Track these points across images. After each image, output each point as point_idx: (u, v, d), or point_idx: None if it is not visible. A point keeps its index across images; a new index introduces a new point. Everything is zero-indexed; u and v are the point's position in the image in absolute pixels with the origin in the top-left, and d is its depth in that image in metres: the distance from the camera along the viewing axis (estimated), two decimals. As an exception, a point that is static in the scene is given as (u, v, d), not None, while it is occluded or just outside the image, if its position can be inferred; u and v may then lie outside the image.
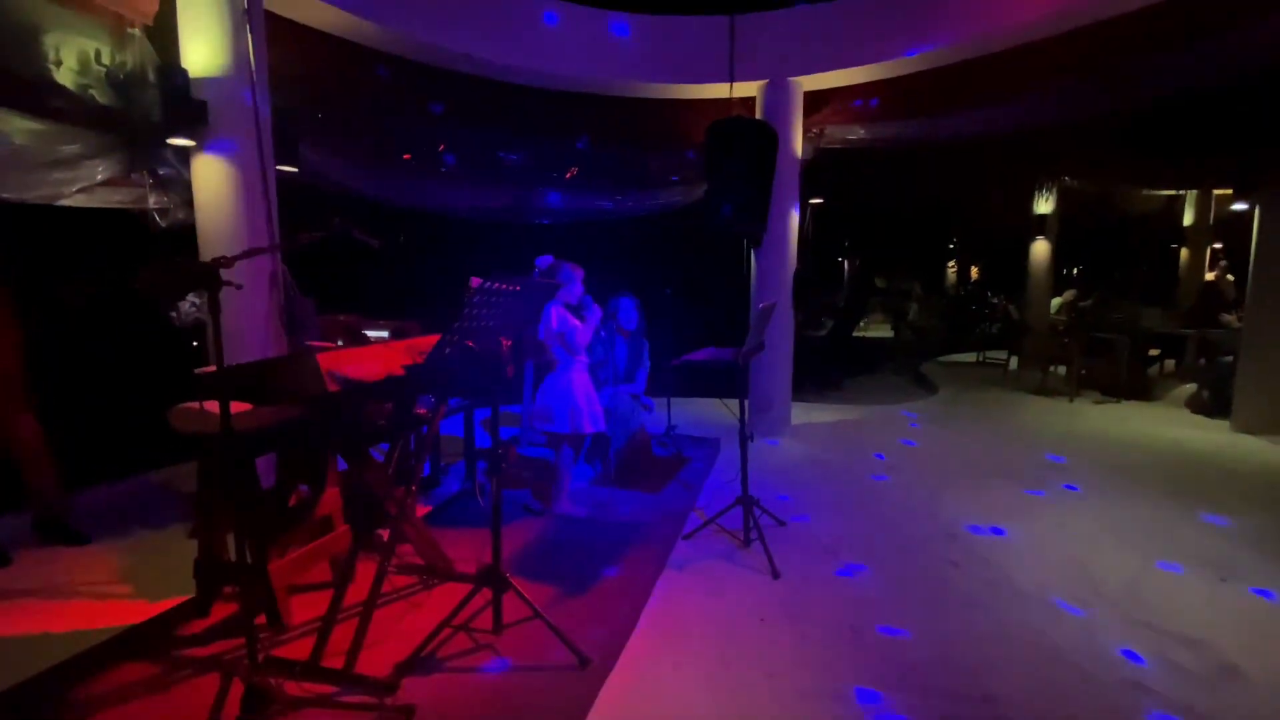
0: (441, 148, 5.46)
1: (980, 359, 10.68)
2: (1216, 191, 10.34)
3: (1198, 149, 6.99)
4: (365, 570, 2.65)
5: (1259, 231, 5.84)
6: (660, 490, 4.21)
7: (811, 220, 6.89)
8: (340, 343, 3.35)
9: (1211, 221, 10.84)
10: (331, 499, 2.83)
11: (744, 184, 5.09)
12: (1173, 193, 10.77)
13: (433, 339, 2.32)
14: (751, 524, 3.45)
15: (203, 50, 3.41)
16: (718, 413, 6.34)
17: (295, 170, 4.01)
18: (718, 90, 5.65)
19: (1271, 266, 5.74)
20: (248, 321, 3.40)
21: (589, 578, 3.05)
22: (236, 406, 2.23)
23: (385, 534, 2.46)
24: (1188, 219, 11.00)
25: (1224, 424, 6.07)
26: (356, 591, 2.65)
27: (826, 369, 8.63)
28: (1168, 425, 6.24)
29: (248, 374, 2.07)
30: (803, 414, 6.58)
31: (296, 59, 4.29)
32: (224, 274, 1.74)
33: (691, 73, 5.58)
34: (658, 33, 5.55)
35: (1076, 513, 3.96)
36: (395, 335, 3.58)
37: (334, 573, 2.90)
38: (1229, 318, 7.68)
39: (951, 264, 21.42)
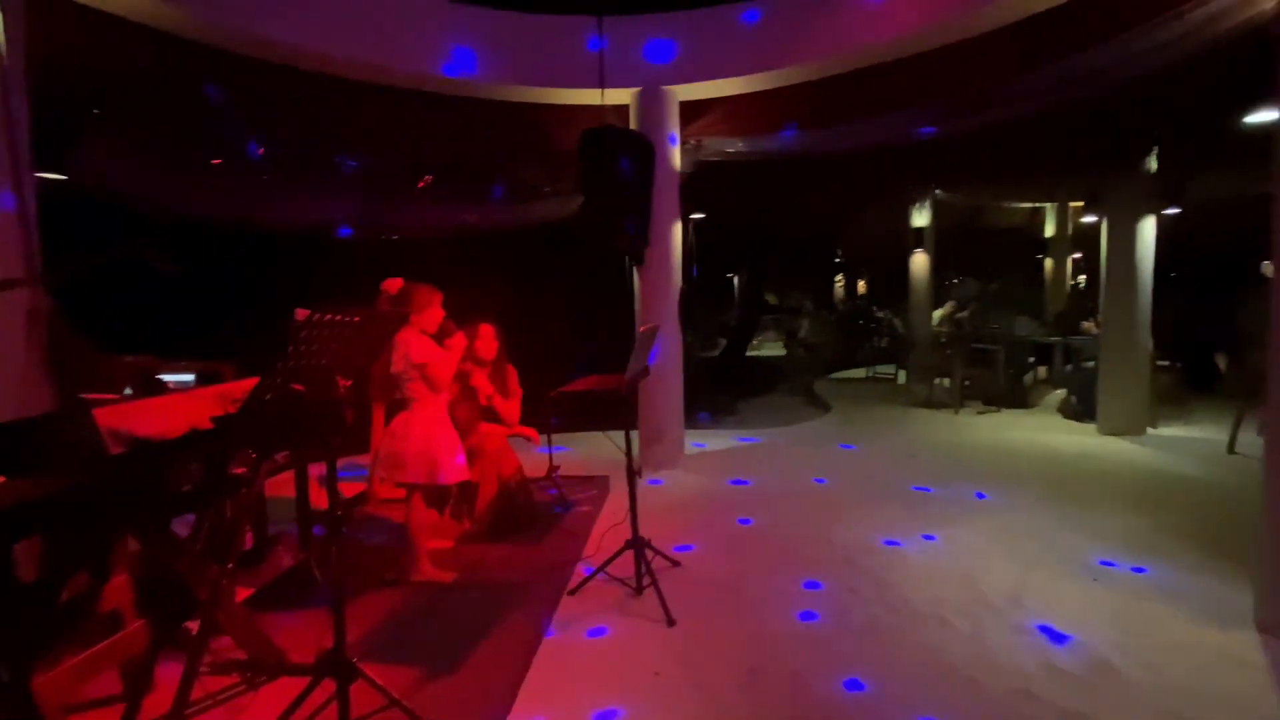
0: (262, 151, 5.12)
1: (870, 374, 11.60)
2: (1072, 204, 12.05)
3: (1053, 165, 8.16)
4: (169, 674, 2.38)
5: (1107, 242, 6.88)
6: (541, 541, 4.14)
7: (695, 236, 7.21)
8: (129, 392, 3.01)
9: (1070, 233, 12.61)
10: (119, 588, 2.51)
11: (622, 197, 5.23)
12: (1035, 206, 12.42)
13: (250, 383, 2.15)
14: (644, 569, 3.49)
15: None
16: (606, 446, 6.37)
17: (64, 178, 3.59)
18: (589, 97, 5.79)
19: (1119, 275, 6.76)
20: (-3, 370, 2.96)
21: (458, 653, 2.92)
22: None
23: (195, 626, 2.21)
24: (1049, 230, 12.71)
25: (1092, 427, 7.01)
26: (157, 703, 2.36)
27: (720, 392, 8.98)
28: (1043, 431, 7.10)
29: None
30: (697, 440, 6.78)
31: (73, 43, 3.88)
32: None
33: (557, 76, 5.69)
34: (520, 31, 5.61)
35: (964, 524, 4.37)
36: (204, 380, 3.27)
37: (125, 683, 2.56)
38: (1088, 325, 8.92)
39: (839, 278, 23.20)
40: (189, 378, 3.36)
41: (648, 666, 2.83)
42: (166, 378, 3.30)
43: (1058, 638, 2.98)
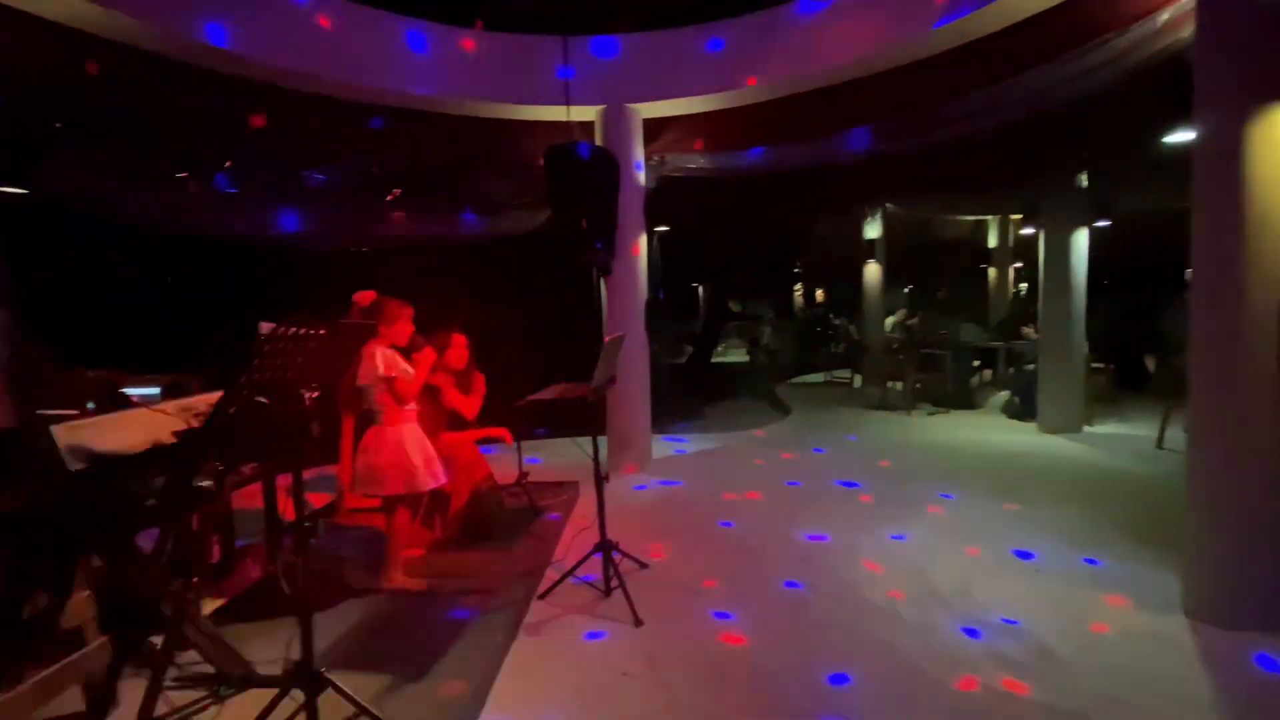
0: (229, 164, 4.99)
1: (827, 378, 11.75)
2: (1013, 217, 12.41)
3: (994, 181, 8.40)
4: (135, 690, 2.28)
5: (1044, 252, 7.08)
6: (512, 547, 4.08)
7: (660, 247, 7.23)
8: (91, 406, 2.88)
9: (1011, 244, 12.97)
10: (81, 605, 2.39)
11: (589, 211, 5.22)
12: (978, 218, 12.76)
13: (214, 397, 2.08)
14: (612, 571, 3.46)
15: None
16: (575, 453, 6.33)
17: (24, 192, 3.44)
18: (555, 113, 5.78)
19: (1056, 284, 6.97)
20: (-46, 385, 2.82)
21: (430, 659, 2.85)
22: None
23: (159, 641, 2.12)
24: (992, 241, 13.06)
25: (1033, 426, 7.19)
26: (121, 720, 2.26)
27: (687, 397, 9.00)
28: (989, 431, 7.26)
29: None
30: (664, 446, 6.77)
31: (34, 57, 3.73)
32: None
33: (525, 93, 5.66)
34: (490, 50, 5.57)
35: (916, 521, 4.43)
36: (169, 393, 3.15)
37: (88, 700, 2.44)
38: (1028, 330, 9.17)
39: (798, 287, 23.51)
40: (154, 391, 3.24)
41: (615, 667, 2.80)
42: (132, 391, 3.18)
43: (1003, 626, 3.03)
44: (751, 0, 5.43)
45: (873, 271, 11.32)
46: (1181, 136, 5.05)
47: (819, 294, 22.99)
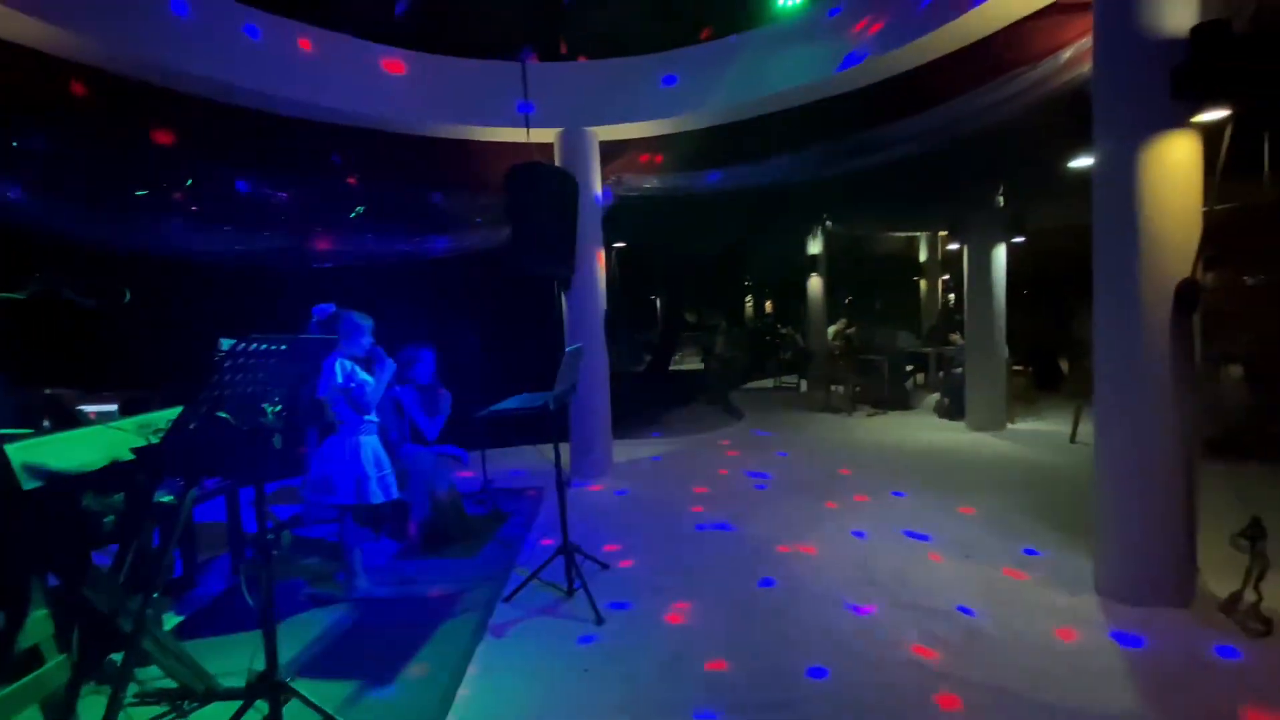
0: (190, 182, 4.81)
1: (776, 384, 11.95)
2: (940, 234, 12.88)
3: (922, 201, 8.72)
4: (95, 708, 2.15)
5: (968, 266, 7.38)
6: (477, 554, 4.01)
7: (618, 262, 7.27)
8: (47, 424, 2.74)
9: (940, 258, 13.44)
10: (39, 624, 2.26)
11: (549, 229, 5.20)
12: (910, 235, 13.20)
13: (173, 413, 2.01)
14: (575, 573, 3.44)
15: None
16: (539, 460, 6.28)
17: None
18: (515, 134, 5.77)
19: (978, 294, 7.26)
20: (-101, 406, 2.64)
21: (395, 664, 2.78)
22: None
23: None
24: (922, 256, 13.52)
25: (962, 424, 7.45)
26: (79, 740, 2.13)
27: (646, 404, 9.03)
28: (922, 430, 7.49)
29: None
30: (625, 452, 6.76)
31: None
32: None
33: (486, 116, 5.64)
34: (453, 73, 5.54)
35: (858, 515, 4.54)
36: (127, 410, 3.01)
37: (48, 719, 2.30)
38: (955, 336, 9.52)
39: (749, 299, 23.85)
40: (112, 408, 3.09)
41: (578, 665, 2.79)
42: (90, 408, 3.03)
43: (937, 611, 3.13)
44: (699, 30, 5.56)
45: (815, 284, 11.57)
46: (1083, 162, 5.34)
47: (768, 305, 23.38)
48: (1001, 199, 7.16)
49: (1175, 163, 2.90)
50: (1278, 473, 4.80)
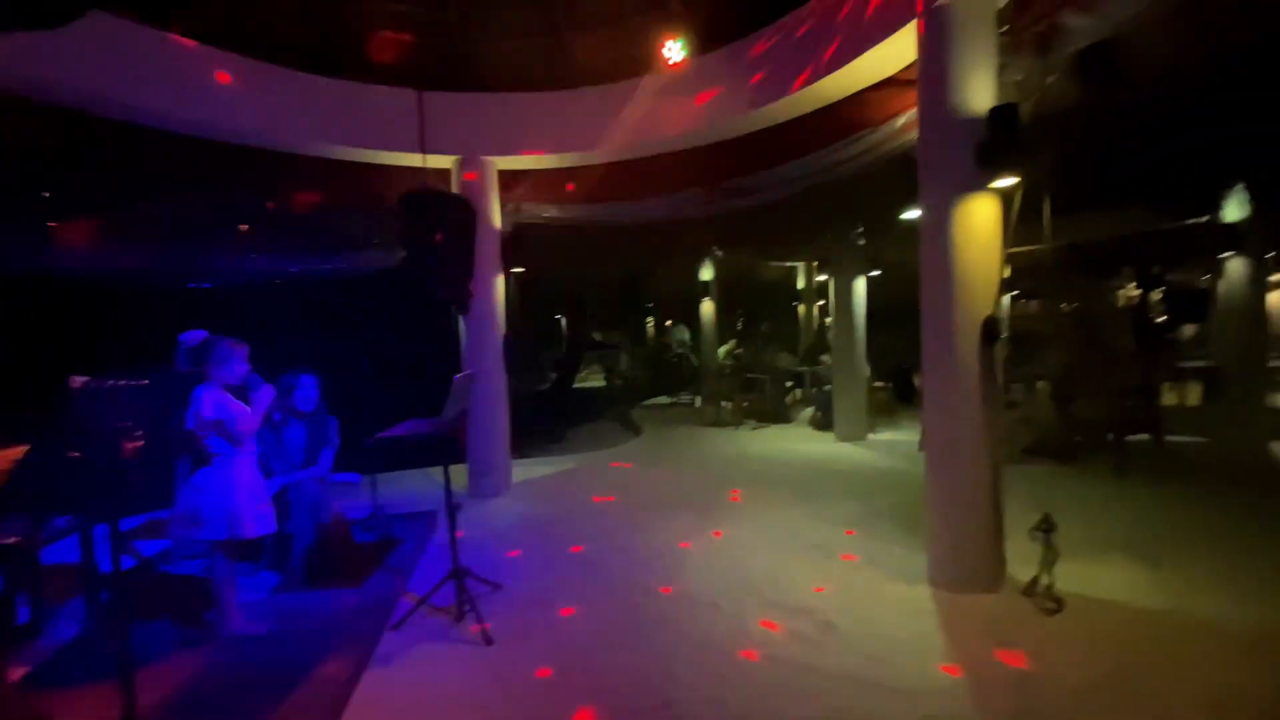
0: (48, 194, 4.31)
1: (673, 401, 12.25)
2: (813, 264, 13.76)
3: (795, 236, 9.32)
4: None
5: (834, 295, 7.96)
6: (363, 582, 3.81)
7: (518, 287, 7.20)
8: None
9: (814, 285, 14.35)
10: None
11: (445, 253, 5.09)
12: (789, 265, 14.01)
13: (17, 451, 1.80)
14: (465, 595, 3.35)
15: None
16: (433, 484, 6.05)
17: None
18: (413, 159, 5.62)
19: (843, 319, 7.85)
20: None
21: (270, 704, 2.59)
22: None
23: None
24: (800, 284, 14.38)
25: (831, 435, 7.96)
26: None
27: (549, 422, 8.94)
28: (798, 441, 7.95)
29: None
30: (525, 470, 6.67)
31: None
32: None
33: (382, 140, 5.48)
34: (348, 97, 5.33)
35: (737, 522, 4.76)
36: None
37: None
38: (825, 357, 10.18)
39: (650, 320, 24.29)
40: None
41: (465, 689, 2.73)
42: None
43: (800, 608, 3.34)
44: (602, 73, 5.68)
45: (707, 308, 12.02)
46: (911, 214, 5.96)
47: (668, 325, 23.89)
48: (861, 237, 7.80)
49: (981, 221, 3.33)
50: (1084, 474, 5.58)
